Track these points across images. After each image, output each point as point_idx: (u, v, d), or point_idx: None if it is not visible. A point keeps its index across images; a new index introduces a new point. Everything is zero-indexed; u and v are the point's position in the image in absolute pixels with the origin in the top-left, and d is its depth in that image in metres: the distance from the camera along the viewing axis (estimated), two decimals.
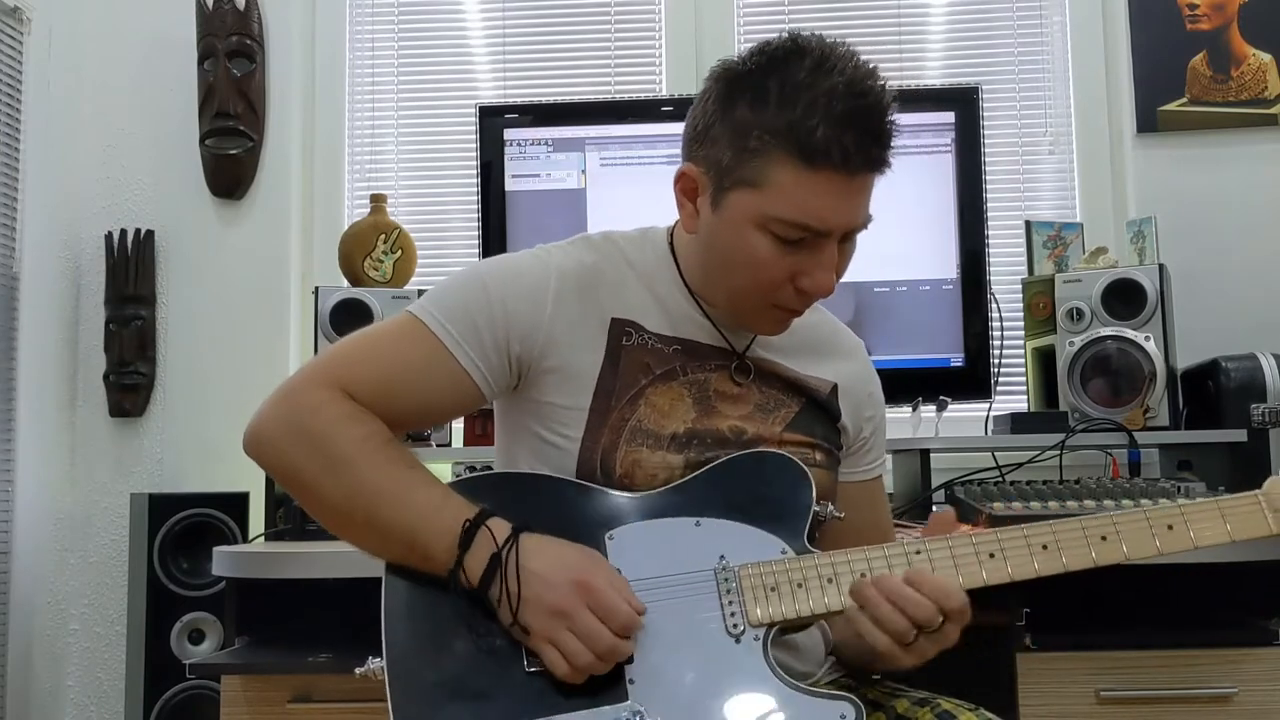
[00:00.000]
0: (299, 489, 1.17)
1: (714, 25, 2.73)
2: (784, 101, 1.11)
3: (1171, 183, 2.57)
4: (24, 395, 2.55)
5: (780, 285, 1.16)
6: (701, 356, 1.25)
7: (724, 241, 1.17)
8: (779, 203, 1.12)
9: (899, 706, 1.22)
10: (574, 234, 1.31)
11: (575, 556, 1.11)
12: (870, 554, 1.13)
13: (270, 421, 1.16)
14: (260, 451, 1.17)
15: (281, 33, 2.74)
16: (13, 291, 2.56)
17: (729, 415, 1.23)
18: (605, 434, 1.19)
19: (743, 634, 1.11)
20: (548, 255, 1.25)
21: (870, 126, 1.11)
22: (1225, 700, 1.74)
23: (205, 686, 2.26)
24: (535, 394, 1.22)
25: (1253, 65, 2.57)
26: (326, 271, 2.63)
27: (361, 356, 1.19)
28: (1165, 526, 1.13)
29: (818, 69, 1.11)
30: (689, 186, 1.20)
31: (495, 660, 1.10)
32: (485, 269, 1.25)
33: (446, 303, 1.21)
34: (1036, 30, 2.71)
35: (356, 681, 1.08)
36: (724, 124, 1.15)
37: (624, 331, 1.23)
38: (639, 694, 1.09)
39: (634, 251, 1.27)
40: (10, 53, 2.58)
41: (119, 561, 2.55)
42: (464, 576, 1.09)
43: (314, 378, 1.18)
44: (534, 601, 1.07)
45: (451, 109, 2.77)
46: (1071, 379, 2.19)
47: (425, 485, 1.14)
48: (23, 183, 2.59)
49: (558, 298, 1.21)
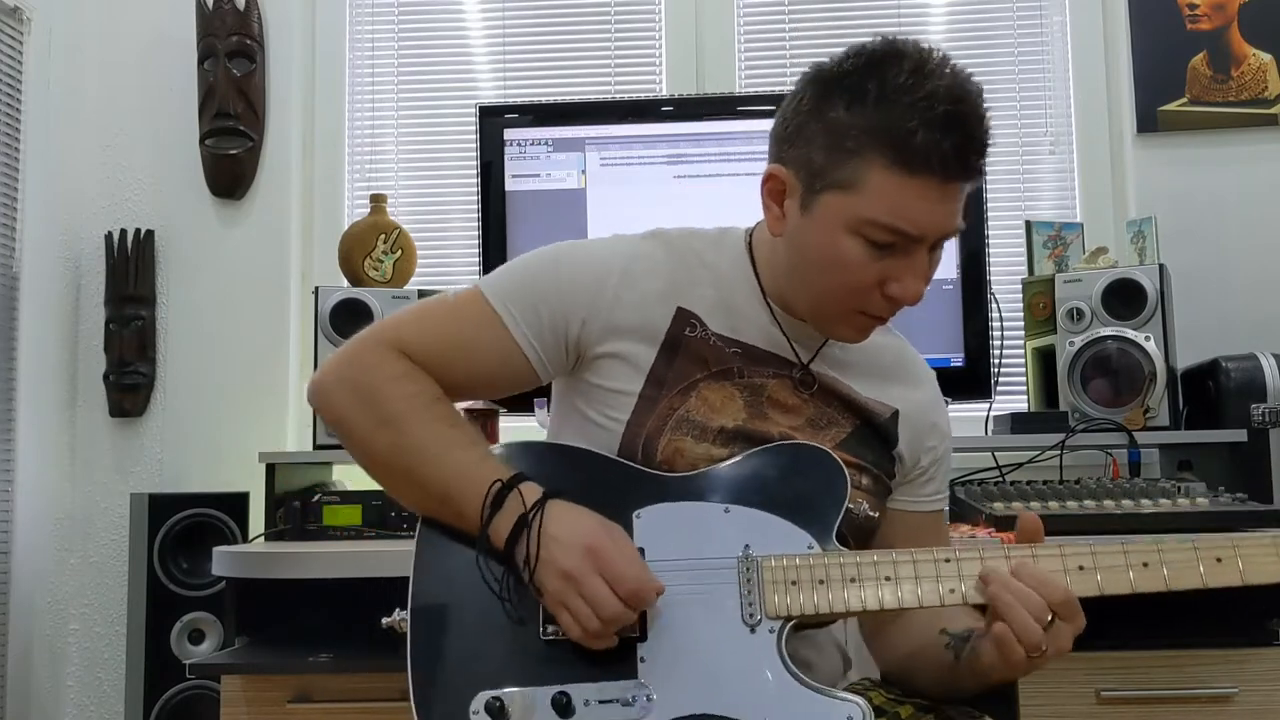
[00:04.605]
0: (349, 440, 1.21)
1: (714, 25, 2.72)
2: (882, 103, 1.09)
3: (1171, 183, 2.57)
4: (24, 395, 2.54)
5: (868, 291, 1.15)
6: (760, 363, 1.24)
7: (813, 244, 1.16)
8: (873, 206, 1.11)
9: (903, 713, 1.21)
10: (574, 234, 1.32)
11: (592, 524, 1.11)
12: (898, 557, 1.11)
13: (330, 375, 1.22)
14: (319, 402, 1.23)
15: (281, 33, 2.74)
16: (13, 291, 2.56)
17: (779, 423, 1.23)
18: (651, 420, 1.20)
19: (758, 624, 1.10)
20: (619, 243, 1.26)
21: (969, 132, 1.10)
22: (1225, 700, 1.74)
23: (205, 686, 2.26)
24: (589, 376, 1.23)
25: (1253, 65, 2.57)
26: (326, 271, 2.63)
27: (422, 322, 1.23)
28: (1214, 559, 1.08)
29: (917, 72, 1.09)
30: (777, 188, 1.19)
31: (513, 624, 1.12)
32: (554, 251, 1.26)
33: (511, 280, 1.23)
34: (1036, 30, 2.71)
35: (357, 681, 1.08)
36: (817, 125, 1.14)
37: (688, 323, 1.22)
38: (648, 672, 1.09)
39: (710, 251, 1.26)
40: (10, 53, 2.58)
41: (119, 561, 2.55)
42: (492, 537, 1.11)
43: (375, 336, 1.22)
44: (548, 564, 1.09)
45: (451, 109, 2.77)
46: (1071, 379, 2.19)
47: (465, 446, 1.17)
48: (23, 183, 2.59)
49: (622, 285, 1.21)
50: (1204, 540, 1.09)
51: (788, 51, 2.71)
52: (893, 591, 1.10)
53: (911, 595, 1.10)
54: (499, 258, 2.36)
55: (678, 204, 2.34)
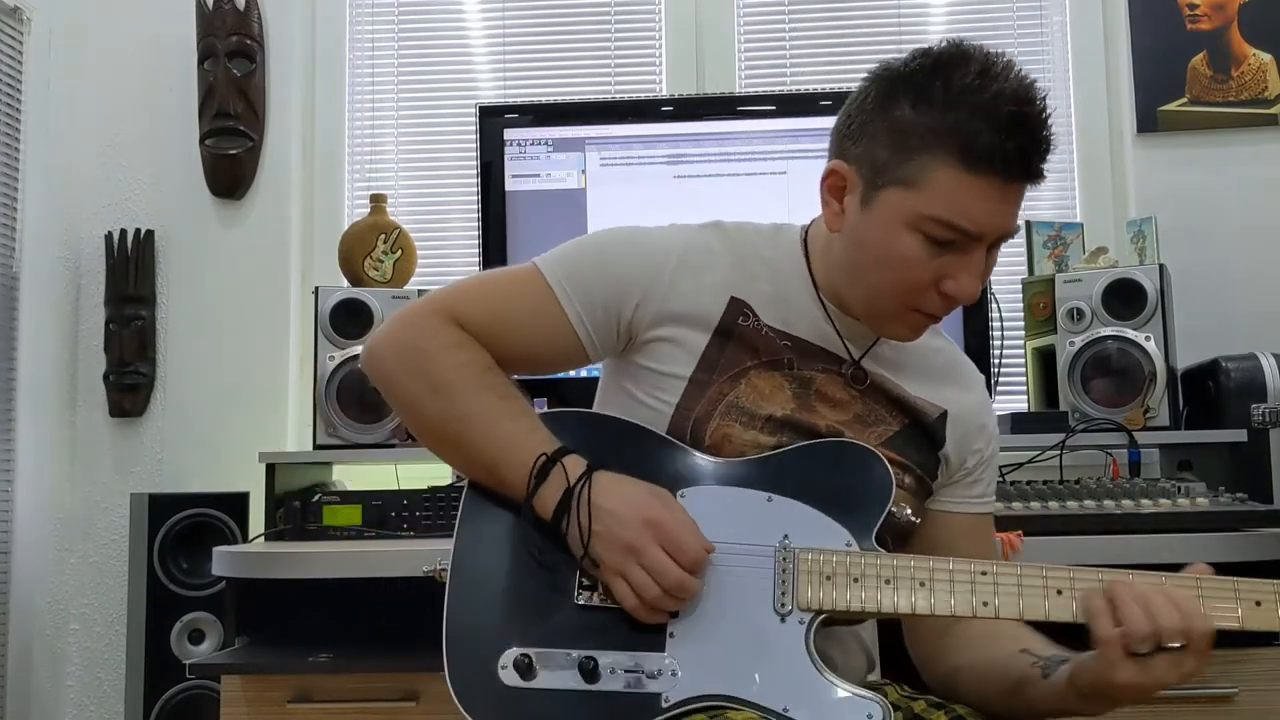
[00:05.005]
0: (401, 405, 1.24)
1: (714, 25, 2.72)
2: (949, 103, 1.11)
3: (1171, 183, 2.57)
4: (24, 395, 2.55)
5: (925, 288, 1.16)
6: (811, 357, 1.25)
7: (873, 240, 1.17)
8: (935, 203, 1.12)
9: (916, 708, 1.21)
10: (574, 234, 1.32)
11: (645, 495, 1.14)
12: (935, 564, 1.11)
13: (384, 340, 1.24)
14: (373, 367, 1.25)
15: (281, 33, 2.74)
16: (13, 291, 2.56)
17: (827, 416, 1.24)
18: (701, 404, 1.21)
19: (789, 615, 1.11)
20: (678, 231, 1.27)
21: (1033, 134, 1.11)
22: (1225, 700, 1.74)
23: (205, 686, 2.26)
24: (639, 359, 1.24)
25: (1253, 65, 2.57)
26: (326, 271, 2.63)
27: (477, 293, 1.25)
28: (1253, 603, 1.08)
29: (984, 74, 1.11)
30: (837, 184, 1.20)
31: (549, 588, 1.14)
32: (613, 234, 1.28)
33: (568, 259, 1.25)
34: (1036, 30, 2.71)
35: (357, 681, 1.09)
36: (882, 122, 1.15)
37: (741, 312, 1.24)
38: (675, 648, 1.11)
39: (765, 245, 1.28)
40: (10, 53, 2.58)
41: (119, 561, 2.55)
42: (537, 508, 1.14)
43: (431, 304, 1.23)
44: (605, 536, 1.11)
45: (451, 109, 2.77)
46: (1072, 379, 2.19)
47: (514, 416, 1.19)
48: (23, 183, 2.59)
49: (678, 270, 1.22)
50: (1244, 584, 1.08)
51: (788, 51, 2.71)
52: (926, 597, 1.10)
53: (945, 603, 1.10)
54: (499, 258, 2.36)
55: (678, 204, 2.33)
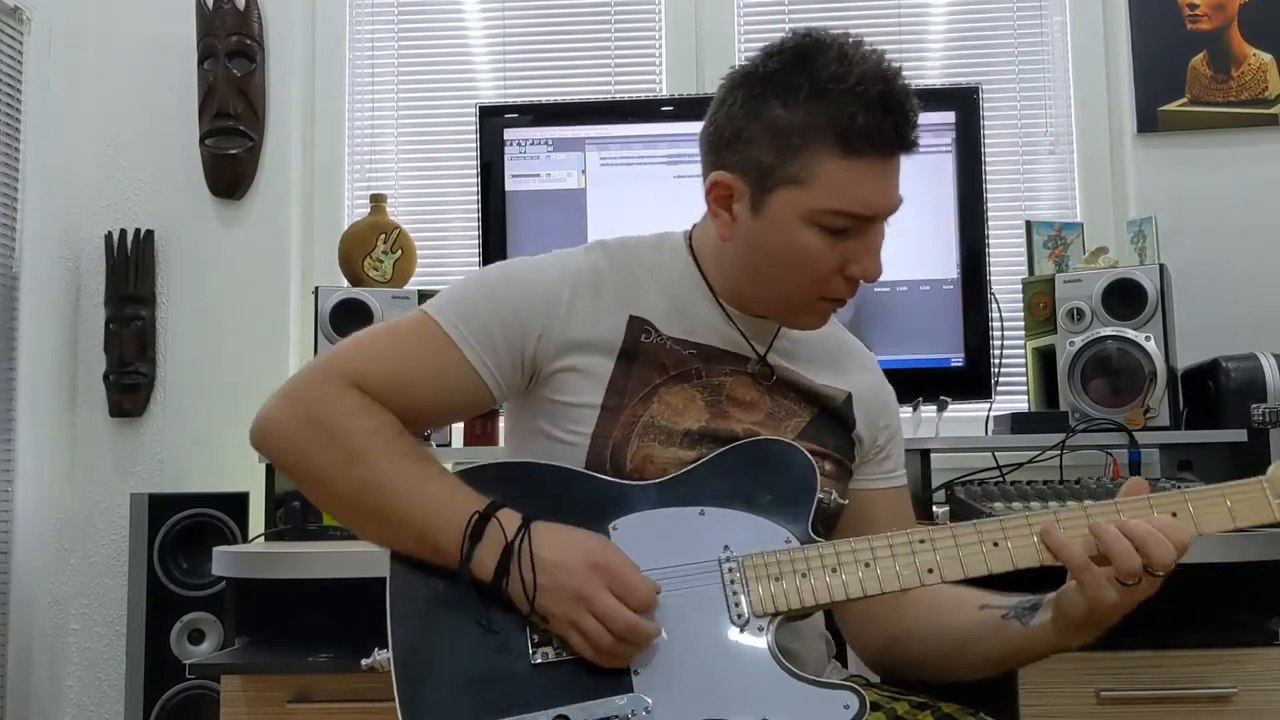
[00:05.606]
0: (308, 480, 1.17)
1: (714, 25, 2.72)
2: (819, 94, 1.12)
3: (1171, 183, 2.57)
4: (24, 395, 2.55)
5: (830, 277, 1.18)
6: (717, 361, 1.25)
7: (771, 243, 1.17)
8: (829, 195, 1.13)
9: (899, 709, 1.21)
10: (574, 234, 1.32)
11: (586, 541, 1.11)
12: (874, 542, 1.13)
13: (280, 412, 1.17)
14: (269, 442, 1.17)
15: (281, 33, 2.74)
16: (13, 291, 2.56)
17: (741, 420, 1.23)
18: (616, 430, 1.19)
19: (747, 623, 1.11)
20: (564, 258, 1.26)
21: (904, 107, 1.13)
22: (1225, 700, 1.73)
23: (205, 686, 2.26)
24: (547, 393, 1.22)
25: (1253, 65, 2.57)
26: (326, 271, 2.63)
27: (373, 351, 1.19)
28: (1169, 514, 1.13)
29: (843, 59, 1.12)
30: (723, 194, 1.19)
31: (502, 653, 1.10)
32: (500, 270, 1.26)
33: (460, 303, 1.21)
34: (1036, 30, 2.71)
35: (357, 681, 1.08)
36: (757, 126, 1.15)
37: (642, 330, 1.23)
38: (643, 684, 1.09)
39: (651, 257, 1.27)
40: (10, 53, 2.58)
41: (119, 561, 2.55)
42: (475, 570, 1.10)
43: (325, 370, 1.18)
44: (552, 588, 1.08)
45: (451, 109, 2.77)
46: (1072, 379, 2.19)
47: (436, 479, 1.14)
48: (23, 183, 2.59)
49: (574, 297, 1.21)
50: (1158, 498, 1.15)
51: None
52: (873, 576, 1.12)
53: (891, 578, 1.12)
54: (499, 257, 2.35)
55: (678, 204, 2.31)
